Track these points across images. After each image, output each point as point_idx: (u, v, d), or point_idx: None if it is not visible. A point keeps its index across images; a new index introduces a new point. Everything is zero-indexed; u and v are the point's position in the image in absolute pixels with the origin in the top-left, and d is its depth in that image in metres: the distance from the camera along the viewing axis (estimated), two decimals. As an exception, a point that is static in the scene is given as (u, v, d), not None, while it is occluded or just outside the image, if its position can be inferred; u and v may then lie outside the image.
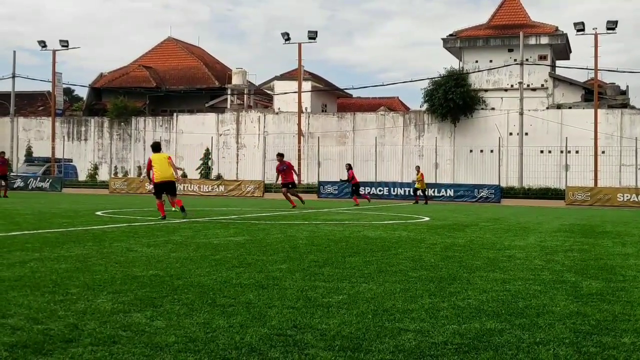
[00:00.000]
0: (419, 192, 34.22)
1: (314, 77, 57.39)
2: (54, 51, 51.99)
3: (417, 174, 34.15)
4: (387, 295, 5.57)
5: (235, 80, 56.79)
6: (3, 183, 30.66)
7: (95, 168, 52.88)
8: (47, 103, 58.95)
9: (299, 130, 48.70)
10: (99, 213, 17.33)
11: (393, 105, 62.03)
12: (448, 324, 4.52)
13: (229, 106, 56.05)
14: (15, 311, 4.68)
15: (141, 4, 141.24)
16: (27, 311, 4.69)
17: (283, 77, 56.53)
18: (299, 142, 48.61)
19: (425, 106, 49.54)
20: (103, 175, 52.28)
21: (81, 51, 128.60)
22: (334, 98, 61.72)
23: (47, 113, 57.05)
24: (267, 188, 41.46)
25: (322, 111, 56.58)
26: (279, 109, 53.90)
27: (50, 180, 45.62)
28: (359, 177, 46.32)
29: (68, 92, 68.30)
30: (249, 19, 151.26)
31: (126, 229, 12.21)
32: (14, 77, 54.35)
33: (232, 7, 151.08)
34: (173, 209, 17.50)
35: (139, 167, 53.72)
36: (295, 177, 24.38)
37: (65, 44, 51.10)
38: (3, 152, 32.60)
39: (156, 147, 16.61)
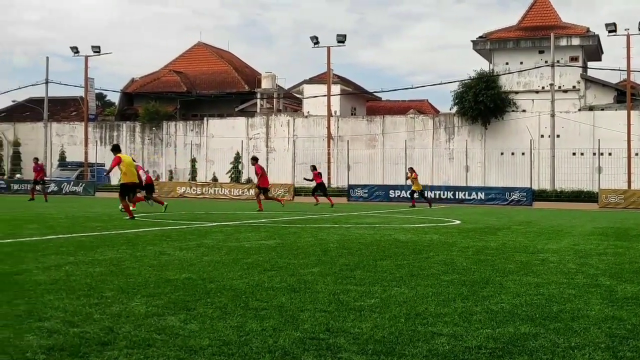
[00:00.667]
0: (416, 195, 32.46)
1: (343, 81, 57.41)
2: (86, 57, 52.70)
3: (411, 175, 33.03)
4: (420, 299, 5.55)
5: (265, 84, 57.04)
6: (38, 188, 31.42)
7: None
8: (80, 108, 59.75)
9: (329, 134, 48.74)
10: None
11: (423, 108, 61.84)
12: (482, 328, 4.49)
13: (258, 110, 56.30)
14: (51, 314, 4.75)
15: (172, 9, 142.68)
16: (63, 314, 4.75)
17: (312, 80, 56.64)
18: (329, 146, 48.65)
19: (455, 109, 49.29)
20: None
21: (112, 56, 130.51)
22: (363, 101, 61.67)
23: (80, 118, 57.82)
24: (297, 191, 41.54)
25: (352, 114, 56.56)
26: (308, 112, 54.01)
27: (84, 184, 46.21)
28: (389, 180, 46.38)
29: (100, 97, 69.16)
30: (277, 23, 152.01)
31: (158, 233, 12.32)
32: (47, 82, 55.18)
33: (261, 11, 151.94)
34: (164, 205, 19.64)
35: (170, 172, 54.16)
36: (264, 181, 24.37)
37: (97, 49, 51.75)
38: (37, 158, 33.37)
39: (118, 148, 18.47)
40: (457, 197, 38.60)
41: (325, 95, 49.13)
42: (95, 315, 4.75)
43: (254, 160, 24.78)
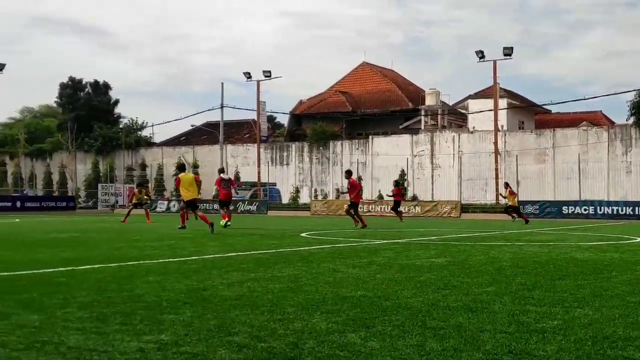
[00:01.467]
0: (512, 210, 31.42)
1: (509, 94, 55.97)
2: (258, 82, 55.01)
3: (505, 191, 31.74)
4: (606, 321, 5.30)
5: (429, 100, 56.80)
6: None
7: (297, 191, 55.01)
8: (253, 130, 62.44)
9: (496, 149, 47.61)
10: (303, 235, 18.04)
11: (596, 119, 58.92)
12: (678, 354, 4.22)
13: (422, 127, 56.10)
14: (239, 329, 5.00)
15: (335, 31, 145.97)
16: (249, 329, 5.00)
17: (477, 95, 55.70)
18: (496, 161, 47.49)
19: (632, 119, 46.50)
20: (304, 197, 54.24)
21: (281, 79, 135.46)
22: (531, 114, 59.76)
23: (253, 140, 60.39)
24: (465, 208, 40.92)
25: (519, 128, 54.95)
26: (473, 127, 53.10)
27: (257, 203, 48.21)
28: (561, 196, 44.52)
29: (271, 119, 71.94)
30: (440, 39, 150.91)
31: (330, 250, 12.62)
32: (222, 107, 58.25)
33: (424, 28, 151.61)
34: (228, 222, 20.40)
35: (337, 190, 55.14)
36: (356, 196, 23.16)
37: (268, 74, 53.87)
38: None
39: (183, 168, 21.04)
40: (637, 213, 36.33)
41: (491, 110, 48.11)
42: (280, 330, 4.95)
43: (348, 174, 23.91)
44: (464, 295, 6.73)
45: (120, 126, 69.50)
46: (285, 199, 54.39)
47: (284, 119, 70.96)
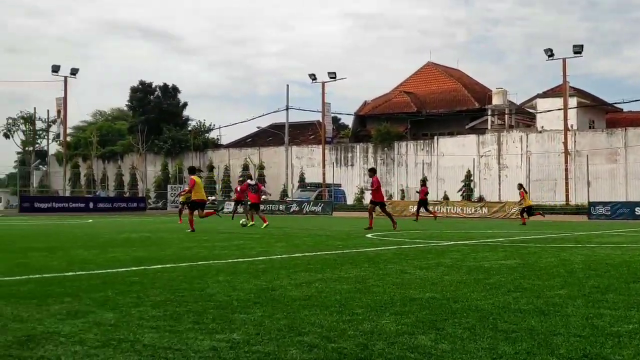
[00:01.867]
0: (526, 212, 30.24)
1: (579, 93, 54.67)
2: (323, 83, 55.21)
3: (519, 192, 30.49)
4: (685, 327, 5.14)
5: (496, 100, 55.98)
6: (240, 209, 34.03)
7: (362, 192, 54.92)
8: (317, 132, 62.73)
9: (565, 149, 46.57)
10: (369, 236, 18.03)
11: (671, 117, 57.02)
12: None
13: (489, 127, 55.33)
14: (309, 329, 5.04)
15: (400, 31, 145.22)
16: (319, 329, 5.03)
17: (546, 94, 54.61)
18: (566, 162, 46.45)
19: None
20: (369, 198, 54.05)
21: (346, 81, 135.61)
22: (602, 113, 58.25)
23: (317, 141, 60.66)
24: (533, 209, 40.03)
25: (590, 128, 53.62)
26: (542, 127, 52.08)
27: (322, 204, 48.37)
28: (634, 197, 43.25)
29: (335, 120, 72.09)
30: (507, 38, 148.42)
31: (397, 251, 12.58)
32: (287, 109, 58.73)
33: (490, 27, 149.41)
34: (266, 224, 22.91)
35: (402, 191, 54.88)
36: (380, 196, 22.84)
37: (333, 75, 54.03)
38: (241, 181, 38.10)
39: (194, 170, 22.34)
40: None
41: (560, 109, 47.09)
42: (349, 331, 4.97)
43: (372, 172, 23.42)
44: (535, 298, 6.61)
45: (189, 128, 70.80)
46: (350, 200, 54.40)
47: (348, 120, 71.08)
